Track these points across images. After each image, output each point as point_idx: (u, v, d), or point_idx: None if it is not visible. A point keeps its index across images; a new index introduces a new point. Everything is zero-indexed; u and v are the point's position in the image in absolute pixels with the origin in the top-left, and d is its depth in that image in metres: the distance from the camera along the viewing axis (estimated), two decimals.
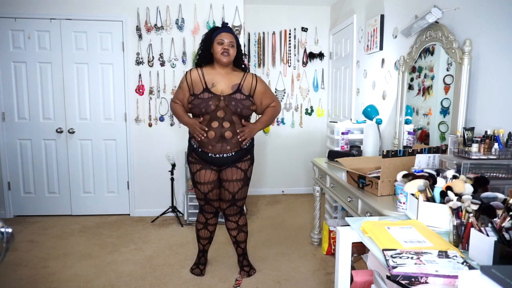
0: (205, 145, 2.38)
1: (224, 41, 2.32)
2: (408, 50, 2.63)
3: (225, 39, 2.32)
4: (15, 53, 3.74)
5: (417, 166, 1.80)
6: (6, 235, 0.98)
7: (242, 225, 2.65)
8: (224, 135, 2.34)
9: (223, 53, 2.32)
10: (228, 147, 2.37)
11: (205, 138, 2.35)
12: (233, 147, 2.38)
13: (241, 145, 2.41)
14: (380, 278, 1.41)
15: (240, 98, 2.35)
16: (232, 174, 2.46)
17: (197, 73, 2.39)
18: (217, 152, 2.37)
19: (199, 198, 2.57)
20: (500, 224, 1.09)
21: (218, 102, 2.32)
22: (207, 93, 2.33)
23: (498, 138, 1.69)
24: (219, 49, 2.32)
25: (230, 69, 2.42)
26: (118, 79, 3.86)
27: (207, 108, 2.30)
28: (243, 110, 2.35)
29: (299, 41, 4.68)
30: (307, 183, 4.87)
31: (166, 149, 3.93)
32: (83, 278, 2.65)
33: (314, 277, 2.66)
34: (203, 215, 2.65)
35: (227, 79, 2.38)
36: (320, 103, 4.80)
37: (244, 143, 2.41)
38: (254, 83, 2.43)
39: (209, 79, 2.37)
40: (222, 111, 2.33)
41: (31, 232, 3.50)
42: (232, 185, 2.48)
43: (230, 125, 2.35)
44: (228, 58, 2.34)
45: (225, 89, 2.36)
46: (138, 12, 3.78)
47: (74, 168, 3.93)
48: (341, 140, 3.14)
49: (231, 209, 2.57)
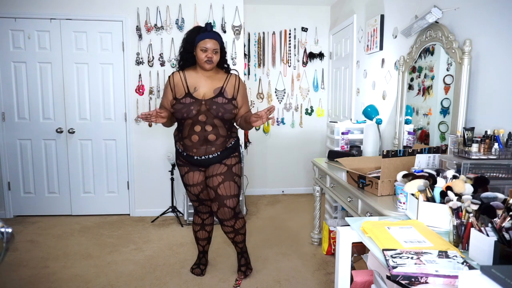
0: (190, 148, 2.35)
1: (208, 49, 2.27)
2: (408, 50, 2.63)
3: (209, 46, 2.27)
4: (15, 53, 3.74)
5: (417, 166, 1.80)
6: (6, 235, 0.97)
7: (239, 228, 2.54)
8: (207, 137, 2.31)
9: (207, 62, 2.28)
10: (213, 148, 2.35)
11: (189, 142, 2.33)
12: (217, 148, 2.36)
13: (226, 144, 2.39)
14: (380, 278, 1.41)
15: (222, 102, 2.31)
16: (214, 169, 2.40)
17: (179, 76, 2.36)
18: (202, 154, 2.35)
19: (192, 200, 2.56)
20: (500, 224, 1.09)
21: (199, 107, 2.29)
22: (189, 97, 2.30)
23: (498, 138, 1.69)
24: (202, 56, 2.28)
25: (213, 72, 2.39)
26: (118, 79, 3.86)
27: (188, 113, 2.27)
28: (224, 114, 2.31)
29: (299, 41, 4.68)
30: (307, 183, 4.87)
31: (166, 149, 3.93)
32: (83, 278, 2.65)
33: (314, 277, 2.66)
34: (198, 216, 2.63)
35: (209, 83, 2.35)
36: (320, 103, 4.80)
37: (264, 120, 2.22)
38: (237, 84, 2.40)
39: (191, 83, 2.34)
40: (203, 115, 2.29)
41: (31, 232, 3.50)
42: (212, 180, 2.39)
43: (212, 128, 2.31)
44: (211, 65, 2.31)
45: (207, 93, 2.33)
46: (138, 12, 3.78)
47: (74, 168, 3.93)
48: (341, 140, 3.14)
49: (222, 212, 2.42)
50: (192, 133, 2.31)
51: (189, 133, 2.32)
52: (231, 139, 2.44)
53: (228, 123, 2.39)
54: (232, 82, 2.40)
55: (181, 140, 2.40)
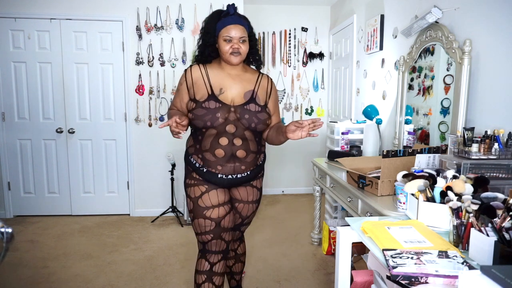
0: (213, 164, 1.83)
1: (233, 38, 1.78)
2: (408, 50, 2.63)
3: (234, 34, 1.77)
4: (15, 53, 3.74)
5: (417, 166, 1.80)
6: (6, 235, 0.97)
7: (241, 254, 2.25)
8: (235, 154, 1.82)
9: (233, 54, 1.80)
10: (243, 166, 1.85)
11: (212, 157, 1.82)
12: (247, 166, 1.87)
13: (257, 162, 1.93)
14: (380, 278, 1.41)
15: (255, 110, 1.84)
16: (248, 194, 1.97)
17: (200, 72, 1.85)
18: (228, 173, 1.84)
19: (206, 232, 1.85)
20: (500, 224, 1.09)
21: (227, 114, 1.79)
22: (214, 101, 1.79)
23: (498, 138, 1.69)
24: (226, 48, 1.78)
25: (241, 69, 1.91)
26: (118, 79, 3.86)
27: (213, 121, 1.77)
28: (257, 126, 1.84)
29: (299, 41, 4.68)
30: (307, 183, 4.87)
31: (166, 149, 3.93)
32: (83, 278, 2.65)
33: (314, 277, 2.65)
34: (206, 260, 1.90)
35: (238, 84, 1.86)
36: (320, 103, 4.80)
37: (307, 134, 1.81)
38: (269, 88, 1.94)
39: (216, 83, 1.83)
40: (232, 125, 1.80)
41: (31, 232, 3.50)
42: (246, 208, 1.99)
43: (242, 142, 1.82)
44: (239, 58, 1.82)
45: (236, 98, 1.84)
46: (138, 12, 3.78)
47: (74, 168, 3.93)
48: (341, 140, 3.14)
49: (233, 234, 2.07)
50: (216, 146, 1.80)
51: (213, 146, 1.81)
52: (261, 155, 1.98)
53: (259, 136, 1.93)
54: (264, 85, 1.92)
55: (199, 153, 1.86)
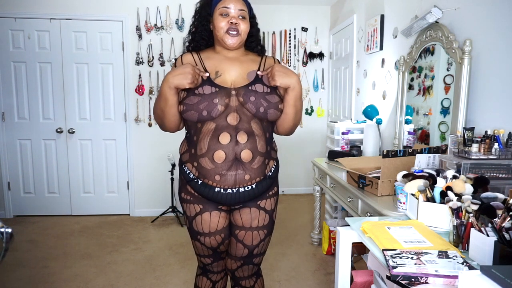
0: (209, 174, 1.42)
1: (231, 11, 1.45)
2: (408, 50, 2.63)
3: (232, 6, 1.45)
4: (15, 53, 3.74)
5: (417, 166, 1.80)
6: (6, 235, 0.98)
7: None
8: (239, 156, 1.40)
9: (230, 30, 1.44)
10: (246, 176, 1.43)
11: (208, 163, 1.41)
12: (253, 175, 1.45)
13: (265, 171, 1.49)
14: (380, 278, 1.41)
15: (262, 91, 1.43)
16: (252, 218, 1.54)
17: (192, 57, 1.50)
18: (228, 186, 1.43)
19: (205, 256, 1.62)
20: (500, 224, 1.09)
21: (227, 100, 1.40)
22: (210, 86, 1.40)
23: (498, 138, 1.69)
24: (222, 24, 1.44)
25: (240, 52, 1.55)
26: (118, 79, 3.86)
27: (210, 109, 1.37)
28: (268, 110, 1.42)
29: (299, 41, 4.68)
30: (307, 183, 4.87)
31: (166, 149, 3.93)
32: (83, 278, 2.65)
33: (314, 277, 2.65)
34: (207, 278, 1.68)
35: (238, 66, 1.49)
36: (320, 103, 4.80)
37: (271, 80, 1.43)
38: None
39: (212, 66, 1.48)
40: (235, 114, 1.40)
41: (31, 232, 3.50)
42: (250, 236, 1.55)
43: (248, 139, 1.41)
44: (238, 38, 1.46)
45: (238, 79, 1.46)
46: (138, 12, 3.78)
47: (74, 168, 3.93)
48: (341, 140, 3.14)
49: (245, 269, 1.64)
50: (216, 147, 1.39)
51: (211, 147, 1.40)
52: (271, 161, 1.57)
53: (269, 129, 1.52)
54: (271, 63, 1.55)
55: (194, 160, 1.45)
